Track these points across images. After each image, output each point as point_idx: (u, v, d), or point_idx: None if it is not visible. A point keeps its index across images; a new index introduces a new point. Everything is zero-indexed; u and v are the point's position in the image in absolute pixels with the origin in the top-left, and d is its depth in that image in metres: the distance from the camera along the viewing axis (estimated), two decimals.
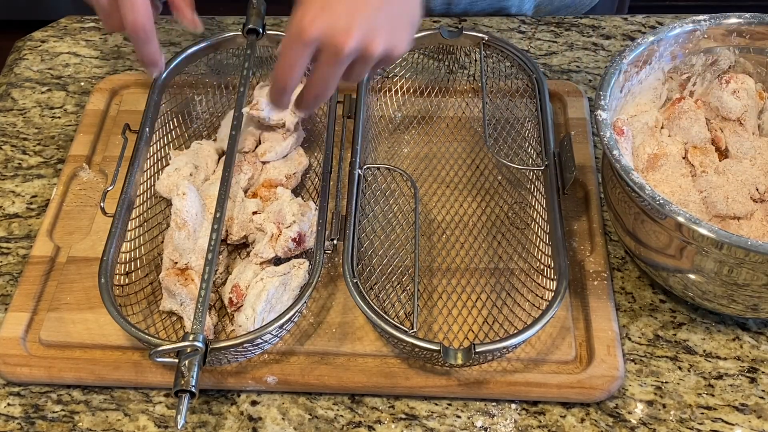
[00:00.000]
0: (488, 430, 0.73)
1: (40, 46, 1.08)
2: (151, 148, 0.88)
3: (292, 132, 0.88)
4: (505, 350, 0.71)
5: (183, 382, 0.67)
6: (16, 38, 1.11)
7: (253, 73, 0.95)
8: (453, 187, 0.89)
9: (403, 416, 0.74)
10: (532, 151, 0.88)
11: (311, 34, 0.68)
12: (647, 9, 1.16)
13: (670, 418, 0.73)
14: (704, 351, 0.78)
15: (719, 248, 0.67)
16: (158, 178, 0.86)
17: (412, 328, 0.73)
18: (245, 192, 0.86)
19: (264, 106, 0.86)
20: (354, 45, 0.68)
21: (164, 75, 0.91)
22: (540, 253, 0.81)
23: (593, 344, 0.76)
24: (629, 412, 0.74)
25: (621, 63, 0.79)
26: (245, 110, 0.85)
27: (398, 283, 0.81)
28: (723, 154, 0.83)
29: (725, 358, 0.77)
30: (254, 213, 0.81)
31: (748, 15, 0.82)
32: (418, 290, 0.79)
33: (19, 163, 0.95)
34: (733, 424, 0.73)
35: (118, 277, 0.79)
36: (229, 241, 0.82)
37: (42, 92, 1.03)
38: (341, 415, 0.74)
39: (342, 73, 0.71)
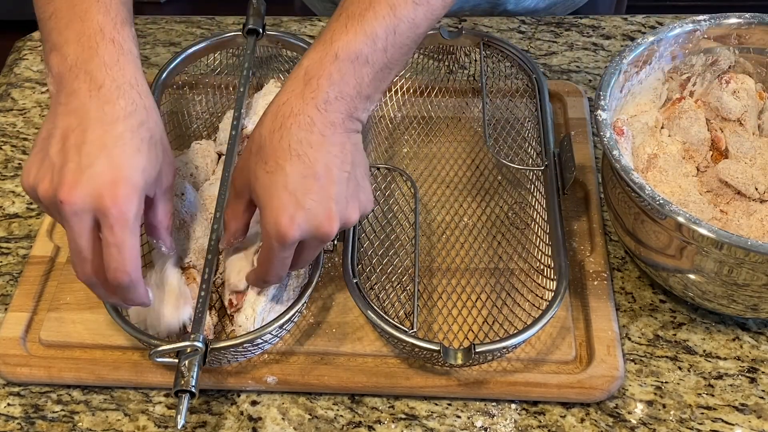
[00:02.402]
0: (488, 430, 0.73)
1: (40, 46, 1.08)
2: None
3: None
4: (505, 350, 0.71)
5: (183, 382, 0.67)
6: (16, 38, 1.11)
7: (253, 73, 0.95)
8: (453, 187, 0.89)
9: (403, 416, 0.74)
10: (532, 151, 0.88)
11: (294, 237, 0.65)
12: (647, 9, 1.16)
13: (670, 418, 0.73)
14: (704, 351, 0.78)
15: (719, 248, 0.67)
16: None
17: (412, 328, 0.73)
18: None
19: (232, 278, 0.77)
20: (336, 228, 0.67)
21: (164, 75, 0.91)
22: (540, 253, 0.81)
23: (593, 344, 0.76)
24: (629, 412, 0.74)
25: (621, 63, 0.79)
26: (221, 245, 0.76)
27: (398, 283, 0.81)
28: (723, 154, 0.83)
29: (725, 358, 0.77)
30: None
31: (748, 15, 0.82)
32: (418, 290, 0.79)
33: (19, 163, 0.95)
34: (733, 424, 0.73)
35: None
36: None
37: (42, 92, 1.03)
38: (341, 415, 0.74)
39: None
